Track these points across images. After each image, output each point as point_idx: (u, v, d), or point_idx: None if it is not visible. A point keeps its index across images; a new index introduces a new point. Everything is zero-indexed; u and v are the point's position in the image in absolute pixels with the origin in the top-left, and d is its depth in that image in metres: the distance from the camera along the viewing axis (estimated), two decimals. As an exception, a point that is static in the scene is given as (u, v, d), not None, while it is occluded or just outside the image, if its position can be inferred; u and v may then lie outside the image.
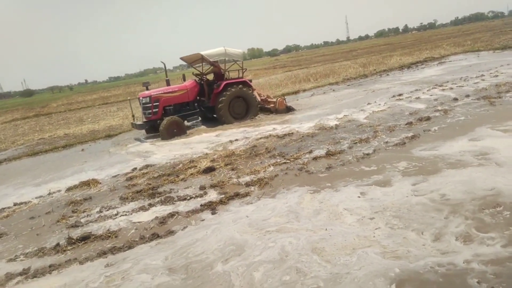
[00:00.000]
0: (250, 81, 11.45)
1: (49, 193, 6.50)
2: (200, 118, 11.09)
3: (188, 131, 10.23)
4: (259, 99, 11.79)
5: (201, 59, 11.15)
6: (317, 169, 5.54)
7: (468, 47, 24.85)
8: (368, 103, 10.50)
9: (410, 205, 3.95)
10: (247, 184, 5.32)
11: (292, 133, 8.22)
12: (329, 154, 6.10)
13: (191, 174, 6.21)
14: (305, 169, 5.61)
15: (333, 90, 15.29)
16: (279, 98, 11.58)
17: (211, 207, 4.69)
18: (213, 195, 5.14)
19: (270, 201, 4.65)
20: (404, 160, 5.34)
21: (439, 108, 8.37)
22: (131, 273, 3.45)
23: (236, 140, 8.41)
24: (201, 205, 4.79)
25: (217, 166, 6.38)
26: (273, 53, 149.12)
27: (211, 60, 10.70)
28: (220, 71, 11.25)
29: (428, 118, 7.54)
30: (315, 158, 6.04)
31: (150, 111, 10.19)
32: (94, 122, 16.82)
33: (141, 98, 10.34)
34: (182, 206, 4.90)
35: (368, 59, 28.94)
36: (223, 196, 5.00)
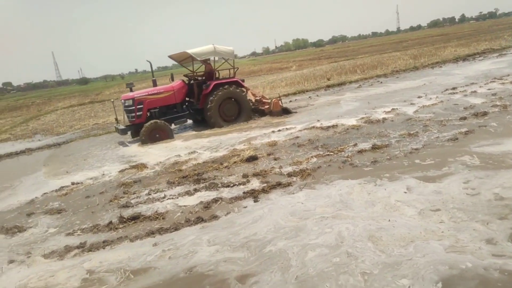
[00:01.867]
0: (243, 81, 10.71)
1: (103, 174, 6.94)
2: (188, 121, 10.63)
3: (176, 135, 9.75)
4: (254, 100, 11.17)
5: (191, 57, 10.32)
6: (362, 163, 5.43)
7: (534, 38, 22.83)
8: (419, 97, 10.05)
9: (464, 201, 3.76)
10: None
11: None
12: (375, 148, 5.95)
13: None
14: (349, 161, 5.52)
15: (381, 82, 14.78)
16: (274, 99, 10.73)
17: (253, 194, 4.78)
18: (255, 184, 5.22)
19: (324, 189, 4.64)
20: (455, 155, 5.07)
21: (498, 103, 7.82)
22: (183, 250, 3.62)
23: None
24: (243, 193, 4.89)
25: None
26: (319, 44, 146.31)
27: (199, 58, 10.05)
28: (212, 71, 10.52)
29: (485, 113, 7.08)
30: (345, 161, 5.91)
31: (134, 114, 9.49)
32: (143, 109, 17.54)
33: (123, 100, 9.71)
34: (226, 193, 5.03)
35: (420, 50, 27.51)
36: (265, 184, 5.06)
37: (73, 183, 6.62)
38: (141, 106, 9.52)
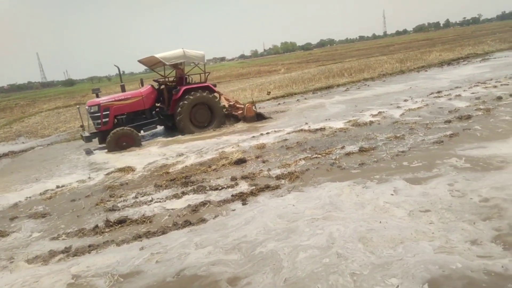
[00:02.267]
0: (215, 85, 10.45)
1: (89, 177, 6.83)
2: (158, 128, 10.36)
3: (145, 143, 9.45)
4: (227, 106, 10.89)
5: (162, 62, 9.92)
6: (349, 165, 5.47)
7: (515, 43, 23.44)
8: (405, 100, 10.20)
9: (451, 203, 3.82)
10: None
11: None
12: (362, 151, 6.01)
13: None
14: (337, 164, 5.56)
15: (368, 85, 14.95)
16: (247, 104, 10.44)
17: (242, 197, 4.76)
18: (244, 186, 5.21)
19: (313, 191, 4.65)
20: (442, 158, 5.16)
21: (481, 106, 7.99)
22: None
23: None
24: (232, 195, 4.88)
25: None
26: (307, 47, 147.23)
27: (167, 63, 9.77)
28: (183, 75, 10.23)
29: (469, 117, 7.23)
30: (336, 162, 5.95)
31: (99, 121, 9.12)
32: (130, 111, 17.35)
33: (88, 106, 9.28)
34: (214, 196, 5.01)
35: (406, 54, 27.97)
36: (253, 187, 5.06)
37: (58, 186, 6.50)
38: (107, 112, 9.15)
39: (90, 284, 3.27)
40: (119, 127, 9.01)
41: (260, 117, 10.38)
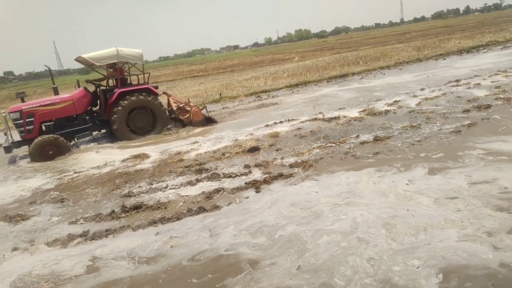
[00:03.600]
0: (156, 87, 9.55)
1: (105, 164, 6.96)
2: (93, 134, 9.47)
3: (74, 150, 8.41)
4: (175, 108, 9.99)
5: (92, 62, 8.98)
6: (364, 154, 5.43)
7: (539, 30, 22.61)
8: (422, 89, 10.00)
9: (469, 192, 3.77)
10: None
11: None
12: (377, 140, 5.95)
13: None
14: (351, 153, 5.52)
15: (383, 74, 14.70)
16: (194, 107, 9.59)
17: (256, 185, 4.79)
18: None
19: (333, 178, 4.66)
20: (459, 147, 5.07)
21: (501, 96, 7.78)
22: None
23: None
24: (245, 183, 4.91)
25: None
26: (321, 35, 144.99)
27: (98, 64, 8.88)
28: (123, 77, 9.43)
29: (488, 106, 7.05)
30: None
31: (23, 128, 8.23)
32: (144, 99, 17.50)
33: (10, 113, 8.30)
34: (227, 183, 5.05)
35: (423, 42, 27.31)
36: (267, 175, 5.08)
37: (75, 172, 6.65)
38: (32, 119, 8.25)
39: (108, 266, 3.37)
40: (46, 134, 8.12)
41: (209, 121, 9.65)
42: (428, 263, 2.80)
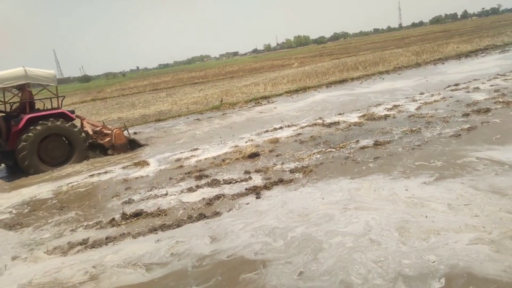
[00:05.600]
0: (72, 112, 8.37)
1: (105, 172, 6.95)
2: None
3: None
4: (91, 133, 8.79)
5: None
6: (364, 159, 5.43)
7: (537, 34, 22.72)
8: (421, 93, 10.03)
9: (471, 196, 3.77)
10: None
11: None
12: (377, 145, 5.95)
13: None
14: (351, 158, 5.52)
15: (383, 78, 14.74)
16: (115, 130, 8.52)
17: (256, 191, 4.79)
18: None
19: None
20: (459, 151, 5.07)
21: (501, 99, 7.79)
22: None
23: None
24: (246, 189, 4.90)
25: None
26: (320, 41, 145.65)
27: (1, 86, 7.74)
28: (32, 100, 8.33)
29: (488, 110, 7.06)
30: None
31: None
32: (145, 107, 17.59)
33: None
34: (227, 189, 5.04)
35: (422, 47, 27.43)
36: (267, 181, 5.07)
37: (76, 180, 6.64)
38: None
39: (109, 274, 3.35)
40: None
41: (133, 144, 8.72)
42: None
